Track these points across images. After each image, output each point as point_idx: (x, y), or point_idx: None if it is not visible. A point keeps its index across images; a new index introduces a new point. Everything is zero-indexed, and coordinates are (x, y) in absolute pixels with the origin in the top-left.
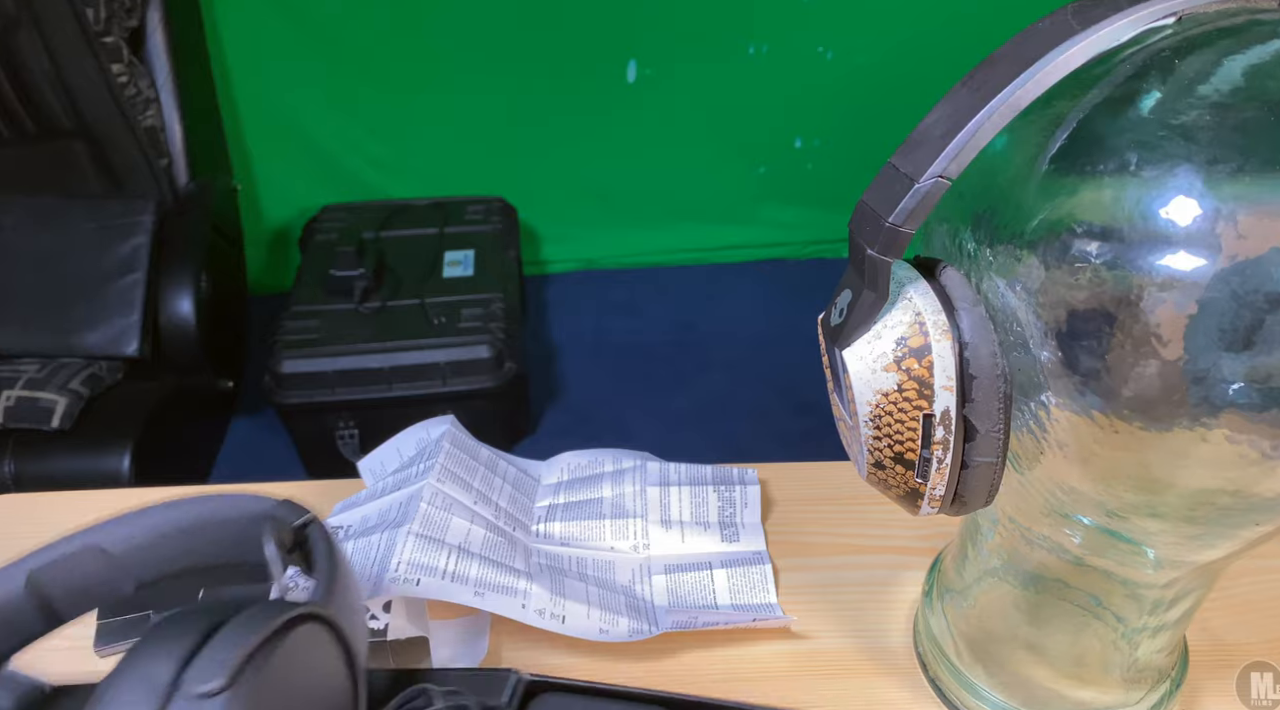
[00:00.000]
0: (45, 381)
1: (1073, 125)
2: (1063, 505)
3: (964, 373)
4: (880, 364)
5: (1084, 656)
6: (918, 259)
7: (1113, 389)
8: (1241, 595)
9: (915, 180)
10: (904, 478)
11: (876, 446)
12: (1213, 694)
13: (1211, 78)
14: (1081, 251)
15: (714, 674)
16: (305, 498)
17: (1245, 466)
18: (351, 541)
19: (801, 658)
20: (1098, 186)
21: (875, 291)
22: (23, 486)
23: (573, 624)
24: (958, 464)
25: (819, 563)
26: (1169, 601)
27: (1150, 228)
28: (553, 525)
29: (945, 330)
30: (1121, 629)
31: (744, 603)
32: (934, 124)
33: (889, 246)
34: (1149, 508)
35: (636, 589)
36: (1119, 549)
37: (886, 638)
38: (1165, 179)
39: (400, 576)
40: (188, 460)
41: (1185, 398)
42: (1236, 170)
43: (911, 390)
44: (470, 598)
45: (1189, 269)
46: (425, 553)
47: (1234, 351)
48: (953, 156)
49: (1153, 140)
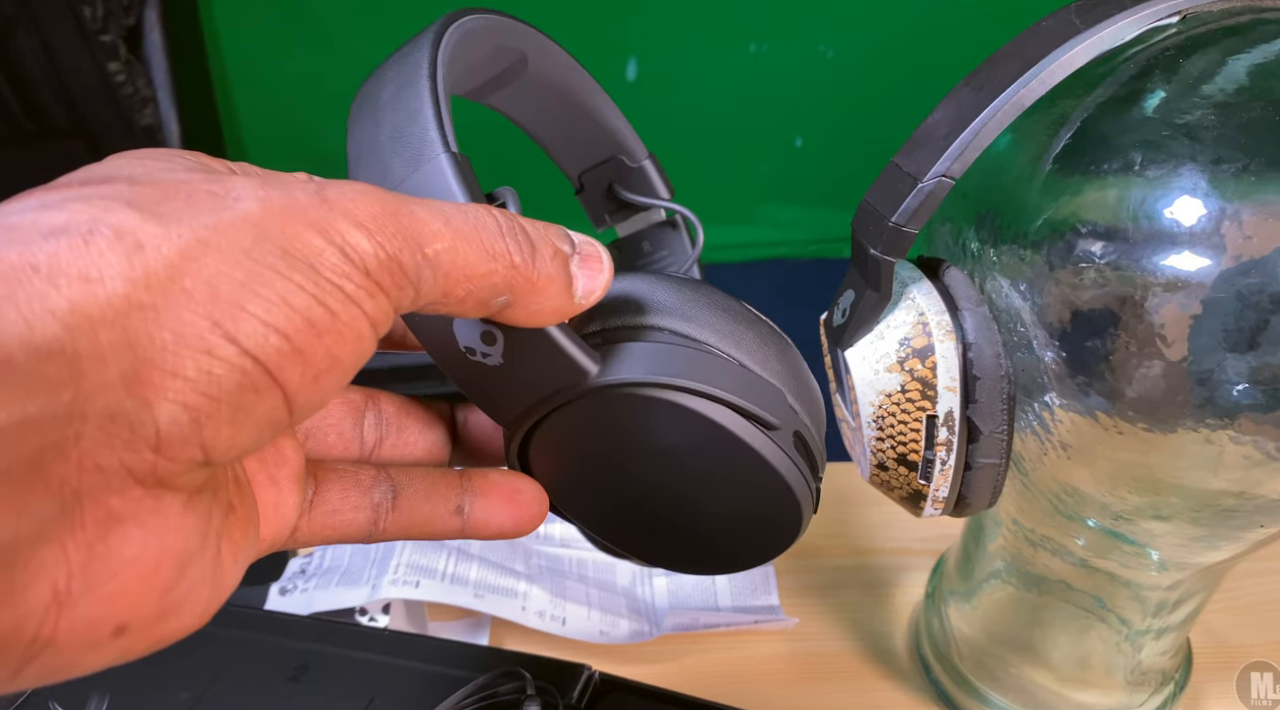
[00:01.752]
0: None
1: (1076, 124)
2: (1066, 507)
3: (968, 373)
4: (883, 365)
5: (1087, 659)
6: (921, 259)
7: (1117, 390)
8: (1246, 597)
9: (919, 180)
10: (907, 479)
11: (879, 448)
12: (1216, 696)
13: (1216, 77)
14: (1085, 251)
15: (715, 676)
16: None
17: (1250, 468)
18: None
19: (803, 660)
20: (1102, 186)
21: (878, 292)
22: None
23: (573, 626)
24: (961, 465)
25: (821, 564)
26: (1173, 603)
27: (1155, 228)
28: (553, 527)
29: (949, 331)
30: (1125, 631)
31: (745, 605)
32: (937, 123)
33: (892, 246)
34: (1153, 509)
35: (637, 591)
36: (1123, 551)
37: (889, 640)
38: (1170, 179)
39: (399, 579)
40: None
41: (1190, 399)
42: (1241, 170)
43: (915, 391)
44: (470, 600)
45: (1193, 269)
46: (424, 554)
47: (1239, 352)
48: (956, 156)
49: (1157, 140)
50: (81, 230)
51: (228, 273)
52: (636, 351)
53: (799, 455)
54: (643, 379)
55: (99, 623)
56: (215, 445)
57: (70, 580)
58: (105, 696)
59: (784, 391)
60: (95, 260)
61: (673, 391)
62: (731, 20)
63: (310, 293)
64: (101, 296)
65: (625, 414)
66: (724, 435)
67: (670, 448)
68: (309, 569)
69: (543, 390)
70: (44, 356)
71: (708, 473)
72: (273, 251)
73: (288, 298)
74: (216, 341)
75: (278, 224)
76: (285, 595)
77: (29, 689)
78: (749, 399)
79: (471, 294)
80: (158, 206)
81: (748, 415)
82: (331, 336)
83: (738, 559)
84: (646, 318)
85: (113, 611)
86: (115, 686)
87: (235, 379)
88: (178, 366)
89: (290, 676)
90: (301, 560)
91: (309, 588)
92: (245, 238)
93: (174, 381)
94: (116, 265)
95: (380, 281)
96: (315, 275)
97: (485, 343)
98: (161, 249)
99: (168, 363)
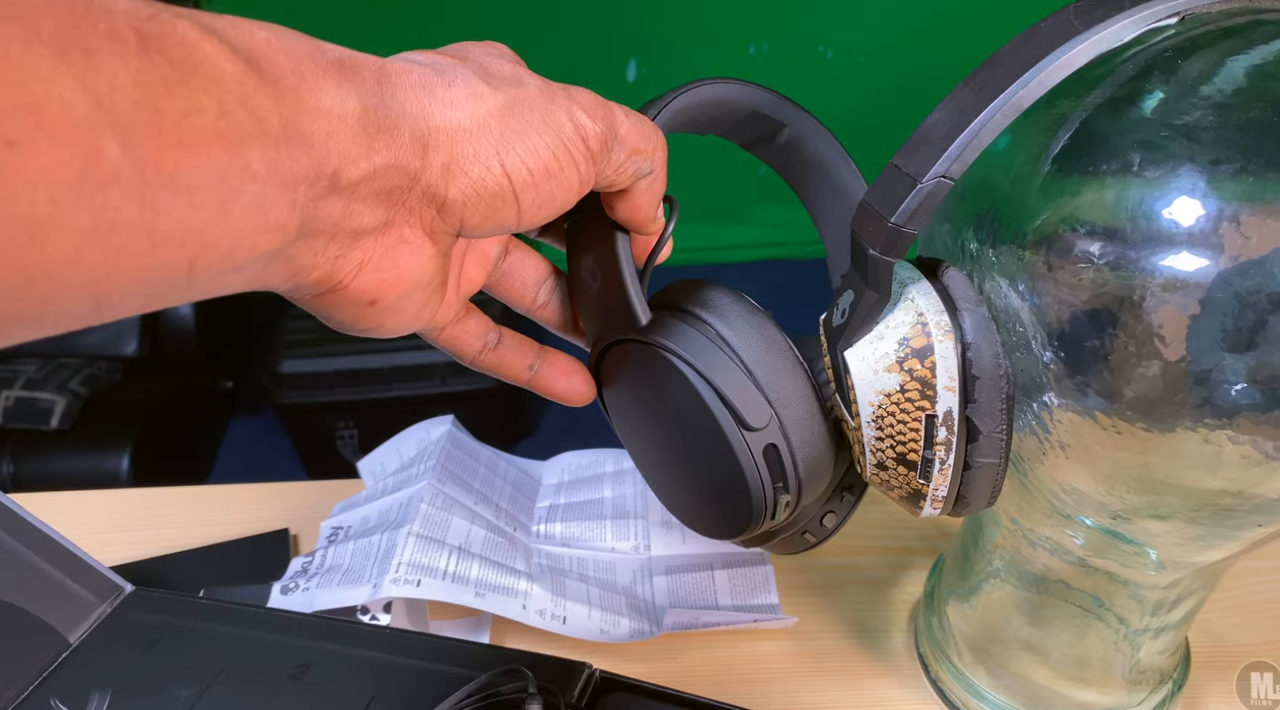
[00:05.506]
0: (44, 381)
1: (1075, 125)
2: (1065, 506)
3: (967, 373)
4: (882, 364)
5: (1086, 658)
6: (920, 259)
7: (1115, 390)
8: (1244, 596)
9: (918, 180)
10: (906, 478)
11: (879, 447)
12: (1214, 695)
13: (1214, 78)
14: (1084, 252)
15: (715, 675)
16: (305, 498)
17: (1248, 467)
18: (351, 542)
19: (803, 658)
20: (1100, 187)
21: (877, 292)
22: (22, 487)
23: (574, 625)
24: (960, 465)
25: (821, 563)
26: (1171, 602)
27: (1153, 228)
28: (553, 526)
29: (948, 330)
30: (1124, 630)
31: (745, 603)
32: (936, 124)
33: (891, 247)
34: (1151, 509)
35: (637, 589)
36: (1121, 550)
37: (888, 638)
38: (1168, 179)
39: (401, 577)
40: (187, 460)
41: (1188, 399)
42: (1239, 170)
43: (914, 391)
44: (471, 599)
45: (1192, 269)
46: (426, 554)
47: (1237, 352)
48: (955, 157)
49: (1155, 140)
50: (452, 78)
51: (514, 126)
52: (678, 327)
53: (764, 462)
54: (670, 345)
55: (367, 291)
56: (468, 222)
57: (369, 259)
58: (108, 693)
59: (774, 411)
60: (453, 96)
61: (683, 364)
62: (731, 21)
63: (552, 149)
64: (454, 118)
65: (651, 366)
66: (708, 415)
67: (675, 409)
68: (311, 568)
69: (610, 324)
70: (417, 137)
71: (694, 443)
72: (539, 119)
73: (539, 150)
74: (493, 163)
75: (545, 103)
76: (287, 594)
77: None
78: (737, 397)
79: (633, 161)
80: (489, 79)
81: (729, 408)
82: (557, 180)
83: (701, 524)
84: (709, 314)
85: (377, 289)
86: (117, 683)
87: (495, 187)
88: (469, 169)
89: (292, 675)
90: (303, 559)
91: (311, 586)
92: (528, 108)
93: (464, 178)
94: (465, 103)
95: (593, 149)
96: (558, 139)
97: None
98: (487, 102)
99: (466, 166)
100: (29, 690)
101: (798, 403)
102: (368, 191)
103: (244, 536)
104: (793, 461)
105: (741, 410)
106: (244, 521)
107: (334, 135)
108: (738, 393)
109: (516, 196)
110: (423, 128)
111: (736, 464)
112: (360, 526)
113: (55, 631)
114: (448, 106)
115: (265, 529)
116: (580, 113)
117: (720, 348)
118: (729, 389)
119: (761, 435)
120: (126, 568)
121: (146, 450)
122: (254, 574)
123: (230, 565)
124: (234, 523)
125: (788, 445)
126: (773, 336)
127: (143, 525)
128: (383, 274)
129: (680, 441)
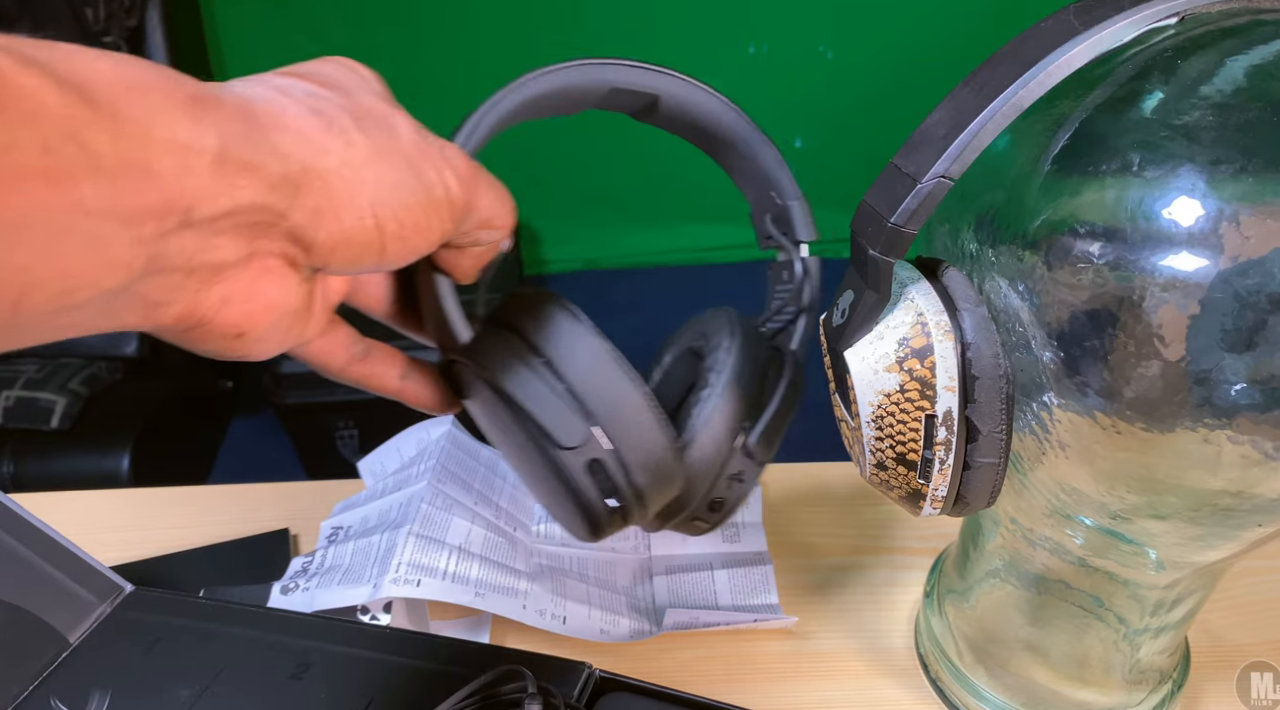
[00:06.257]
0: (44, 381)
1: (1075, 125)
2: (1065, 506)
3: (966, 373)
4: (882, 364)
5: (1086, 658)
6: (919, 259)
7: (1115, 390)
8: (1243, 596)
9: (918, 180)
10: (906, 478)
11: (878, 447)
12: (1214, 695)
13: (1214, 78)
14: (1084, 252)
15: (715, 674)
16: (305, 498)
17: (1248, 467)
18: (351, 542)
19: (803, 658)
20: (1100, 187)
21: (877, 292)
22: (22, 487)
23: (573, 624)
24: (960, 465)
25: (820, 563)
26: (1171, 602)
27: (1153, 228)
28: (553, 526)
29: (947, 331)
30: (1123, 630)
31: (745, 603)
32: (936, 124)
33: (891, 247)
34: (1151, 509)
35: (637, 589)
36: (1121, 550)
37: (888, 638)
38: (1168, 179)
39: (401, 577)
40: (187, 460)
41: (1187, 399)
42: (1239, 171)
43: (914, 391)
44: (471, 599)
45: (1191, 269)
46: (426, 553)
47: (1236, 352)
48: (955, 156)
49: (1155, 141)
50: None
51: (389, 178)
52: (495, 347)
53: (588, 476)
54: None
55: (233, 325)
56: (332, 263)
57: (233, 293)
58: (108, 693)
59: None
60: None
61: (492, 388)
62: (731, 21)
63: (423, 206)
64: (328, 165)
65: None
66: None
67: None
68: (311, 568)
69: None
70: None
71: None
72: (412, 175)
73: (410, 207)
74: (366, 214)
75: (419, 157)
76: (287, 594)
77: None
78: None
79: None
80: (362, 122)
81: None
82: (423, 235)
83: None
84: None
85: (244, 322)
86: (117, 683)
87: (365, 238)
88: (342, 217)
89: (292, 674)
90: (303, 559)
91: (311, 586)
92: (402, 161)
93: (336, 225)
94: (341, 150)
95: (455, 212)
96: (429, 197)
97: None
98: (361, 148)
99: (339, 213)
100: (29, 690)
101: (628, 414)
102: (228, 226)
103: (244, 536)
104: (624, 473)
105: (553, 431)
106: (244, 521)
107: (190, 170)
108: (550, 414)
109: (384, 246)
110: (295, 170)
111: (563, 480)
112: (360, 526)
113: (55, 631)
114: (323, 152)
115: (265, 529)
116: (451, 176)
117: (534, 368)
118: (540, 410)
119: (580, 453)
120: (126, 568)
121: (146, 450)
122: (254, 574)
123: (230, 565)
124: (234, 523)
125: (617, 458)
126: (598, 350)
127: (143, 525)
128: (248, 305)
129: (519, 455)
